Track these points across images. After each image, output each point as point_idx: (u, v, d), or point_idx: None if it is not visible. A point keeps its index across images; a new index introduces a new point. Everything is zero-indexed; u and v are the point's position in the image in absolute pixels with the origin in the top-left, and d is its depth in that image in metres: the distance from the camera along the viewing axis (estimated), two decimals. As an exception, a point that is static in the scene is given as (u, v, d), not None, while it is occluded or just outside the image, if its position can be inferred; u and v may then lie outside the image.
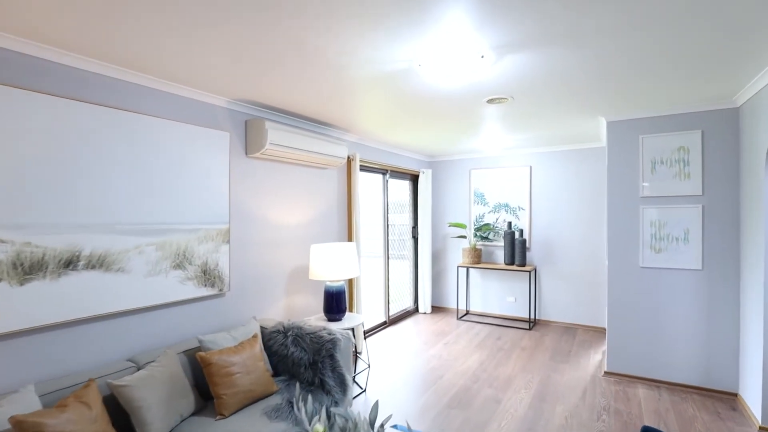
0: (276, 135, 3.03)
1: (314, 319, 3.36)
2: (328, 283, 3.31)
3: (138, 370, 2.19)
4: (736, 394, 3.22)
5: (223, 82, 2.54)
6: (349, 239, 4.25)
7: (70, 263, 2.08)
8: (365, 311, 5.13)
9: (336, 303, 3.27)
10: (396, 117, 3.53)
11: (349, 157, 4.23)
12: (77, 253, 2.10)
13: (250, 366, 2.37)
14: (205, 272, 2.74)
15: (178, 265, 2.58)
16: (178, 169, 2.58)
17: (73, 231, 2.09)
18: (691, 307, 3.35)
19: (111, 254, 2.24)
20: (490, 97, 2.93)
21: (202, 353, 2.26)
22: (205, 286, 2.75)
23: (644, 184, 3.47)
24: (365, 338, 4.68)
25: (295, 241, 3.59)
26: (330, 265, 3.20)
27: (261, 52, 2.09)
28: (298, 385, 1.61)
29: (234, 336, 2.54)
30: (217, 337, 2.45)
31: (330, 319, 3.29)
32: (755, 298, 2.83)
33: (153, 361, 2.20)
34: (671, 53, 2.20)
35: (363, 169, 4.68)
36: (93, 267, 2.17)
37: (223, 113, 2.92)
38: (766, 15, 1.80)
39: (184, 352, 2.41)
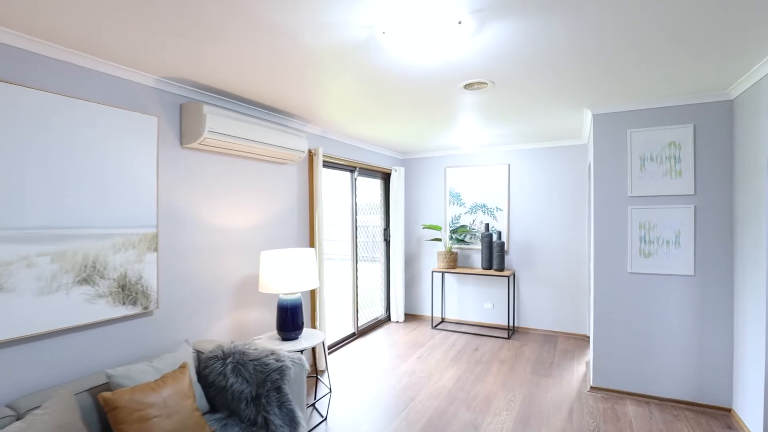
0: (217, 122, 2.55)
1: (266, 338, 2.89)
2: (281, 297, 2.85)
3: (16, 420, 1.68)
4: (729, 410, 2.97)
5: (151, 54, 2.05)
6: (311, 244, 3.80)
7: None
8: (330, 323, 4.68)
9: (291, 319, 2.82)
10: (363, 105, 3.11)
11: (310, 152, 3.77)
12: (-73, 269, 1.58)
13: (173, 406, 1.89)
14: (123, 287, 2.23)
15: (85, 280, 2.07)
16: (86, 159, 2.07)
17: (-76, 239, 1.57)
18: (682, 315, 3.08)
19: (-17, 268, 1.72)
20: (468, 82, 2.55)
21: (106, 394, 1.76)
22: (124, 304, 2.24)
23: (632, 182, 3.18)
24: (330, 354, 4.23)
25: (246, 247, 3.11)
26: (284, 275, 2.74)
27: (195, 11, 1.63)
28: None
29: (156, 366, 2.05)
30: (132, 369, 1.96)
31: (284, 338, 2.83)
32: (753, 305, 2.57)
33: (39, 407, 1.69)
34: (672, 30, 1.87)
35: (328, 165, 4.23)
36: (-46, 286, 1.65)
37: (149, 94, 2.42)
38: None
39: (88, 390, 1.90)
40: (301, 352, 2.85)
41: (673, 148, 3.06)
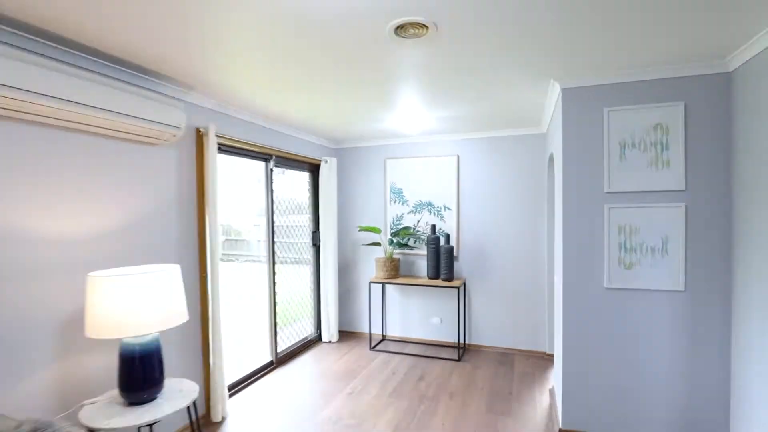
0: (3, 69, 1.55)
1: (104, 402, 1.91)
2: (125, 341, 1.89)
3: None
4: (723, 455, 2.41)
5: None
6: (201, 255, 2.83)
7: None
8: (237, 354, 3.72)
9: (142, 372, 1.87)
10: (264, 62, 2.21)
11: (199, 131, 2.80)
12: None
13: None
14: None
15: None
16: None
17: None
18: (670, 340, 2.48)
19: None
20: (400, 21, 1.74)
21: None
22: None
23: (609, 174, 2.54)
24: (236, 394, 3.27)
25: (84, 266, 2.10)
26: (129, 307, 1.78)
27: None
28: None
29: None
30: None
31: (132, 402, 1.87)
32: (758, 324, 1.98)
33: None
34: None
35: (229, 150, 3.26)
36: None
37: None
38: None
39: None
40: (151, 427, 1.89)
41: (659, 132, 2.45)
